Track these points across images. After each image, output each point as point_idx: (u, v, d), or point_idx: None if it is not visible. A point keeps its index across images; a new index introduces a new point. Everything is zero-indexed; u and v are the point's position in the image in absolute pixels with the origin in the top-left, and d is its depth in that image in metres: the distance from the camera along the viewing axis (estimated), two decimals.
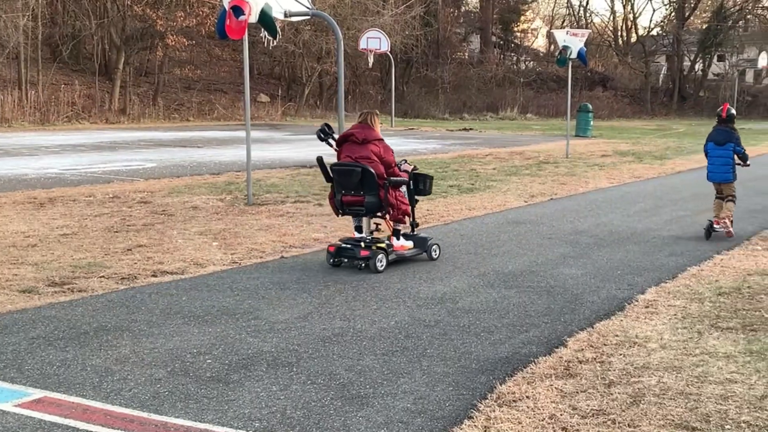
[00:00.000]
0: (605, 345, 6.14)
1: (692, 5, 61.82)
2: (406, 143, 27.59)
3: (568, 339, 6.31)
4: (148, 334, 6.34)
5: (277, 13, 14.36)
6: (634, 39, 64.60)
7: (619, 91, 59.35)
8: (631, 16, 64.54)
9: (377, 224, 9.56)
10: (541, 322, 6.82)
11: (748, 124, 44.96)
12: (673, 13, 61.94)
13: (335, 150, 9.12)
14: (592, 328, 6.61)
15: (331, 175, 8.96)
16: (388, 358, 5.85)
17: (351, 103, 43.27)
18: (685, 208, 13.73)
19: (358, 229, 9.22)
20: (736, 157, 11.09)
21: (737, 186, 11.40)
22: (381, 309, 7.19)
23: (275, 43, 20.69)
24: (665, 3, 62.77)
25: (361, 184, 8.66)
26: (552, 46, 65.82)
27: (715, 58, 61.75)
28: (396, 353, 5.95)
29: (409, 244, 9.26)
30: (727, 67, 60.52)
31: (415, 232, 9.48)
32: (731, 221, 10.96)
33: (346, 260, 8.90)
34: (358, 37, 37.82)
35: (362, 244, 8.90)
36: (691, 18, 63.56)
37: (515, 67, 62.20)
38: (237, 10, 12.81)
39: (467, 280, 8.34)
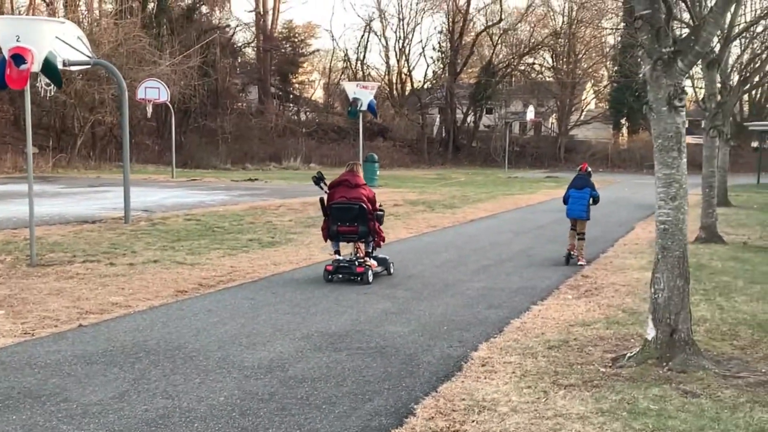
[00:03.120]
0: (454, 411, 5.81)
1: (462, 61, 64.38)
2: (191, 195, 26.64)
3: (415, 406, 5.94)
4: None
5: (57, 62, 13.45)
6: (409, 91, 66.44)
7: (398, 142, 60.66)
8: (405, 69, 66.46)
9: (357, 248, 11.72)
10: (382, 389, 6.40)
11: (518, 173, 47.14)
12: (445, 68, 64.19)
13: (325, 192, 11.59)
14: (437, 392, 6.28)
15: (328, 211, 11.46)
16: None
17: None
18: (488, 257, 13.84)
19: (338, 252, 11.56)
20: (591, 200, 13.46)
21: (590, 225, 13.76)
22: (205, 382, 6.53)
23: (53, 93, 19.52)
24: (435, 60, 65.00)
25: (356, 217, 11.29)
26: (330, 98, 66.69)
27: (485, 110, 64.60)
28: None
29: (375, 263, 11.60)
30: (496, 119, 63.43)
31: (375, 254, 11.77)
32: (583, 253, 13.37)
33: (340, 276, 11.23)
34: (135, 86, 36.44)
35: (356, 262, 11.28)
36: (462, 73, 66.17)
37: (296, 117, 62.38)
38: (18, 59, 11.87)
39: (292, 344, 7.80)
